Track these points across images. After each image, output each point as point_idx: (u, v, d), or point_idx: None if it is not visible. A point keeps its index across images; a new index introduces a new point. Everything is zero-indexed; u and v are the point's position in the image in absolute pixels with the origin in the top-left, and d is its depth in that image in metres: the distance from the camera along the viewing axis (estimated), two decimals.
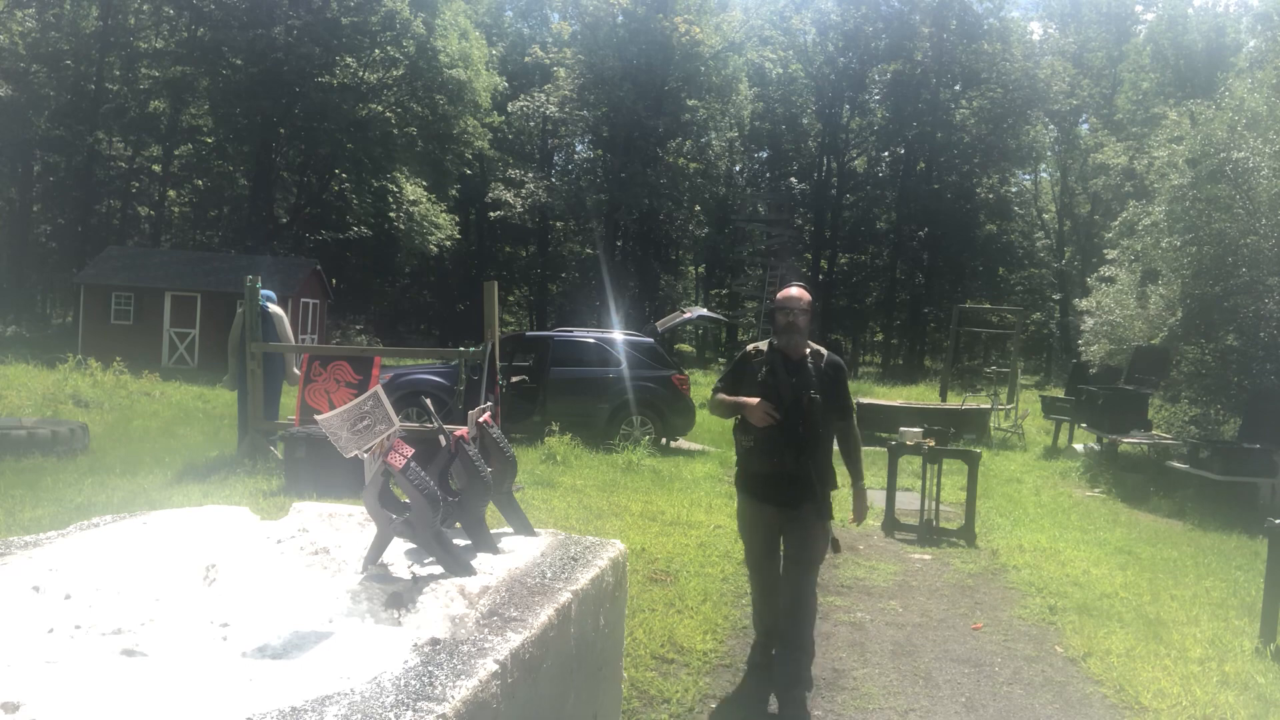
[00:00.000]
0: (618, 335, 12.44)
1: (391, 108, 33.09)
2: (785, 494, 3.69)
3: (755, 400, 3.63)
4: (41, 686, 0.55)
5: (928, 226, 39.38)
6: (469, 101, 33.69)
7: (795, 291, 3.82)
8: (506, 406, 9.58)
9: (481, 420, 1.13)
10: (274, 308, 8.87)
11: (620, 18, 35.02)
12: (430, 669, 0.60)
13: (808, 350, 3.77)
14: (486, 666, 0.61)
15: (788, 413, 3.62)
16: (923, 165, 40.51)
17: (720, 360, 36.98)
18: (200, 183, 36.05)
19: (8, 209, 33.59)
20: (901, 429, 7.58)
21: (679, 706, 3.68)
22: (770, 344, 3.84)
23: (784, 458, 3.65)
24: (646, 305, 36.41)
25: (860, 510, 3.93)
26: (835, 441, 3.86)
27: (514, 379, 11.81)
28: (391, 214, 32.74)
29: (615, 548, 0.97)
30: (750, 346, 3.93)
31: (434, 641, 0.65)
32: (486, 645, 0.65)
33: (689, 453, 11.41)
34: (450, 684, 0.58)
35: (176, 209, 37.99)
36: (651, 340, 12.30)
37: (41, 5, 31.16)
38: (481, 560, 0.88)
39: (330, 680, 0.56)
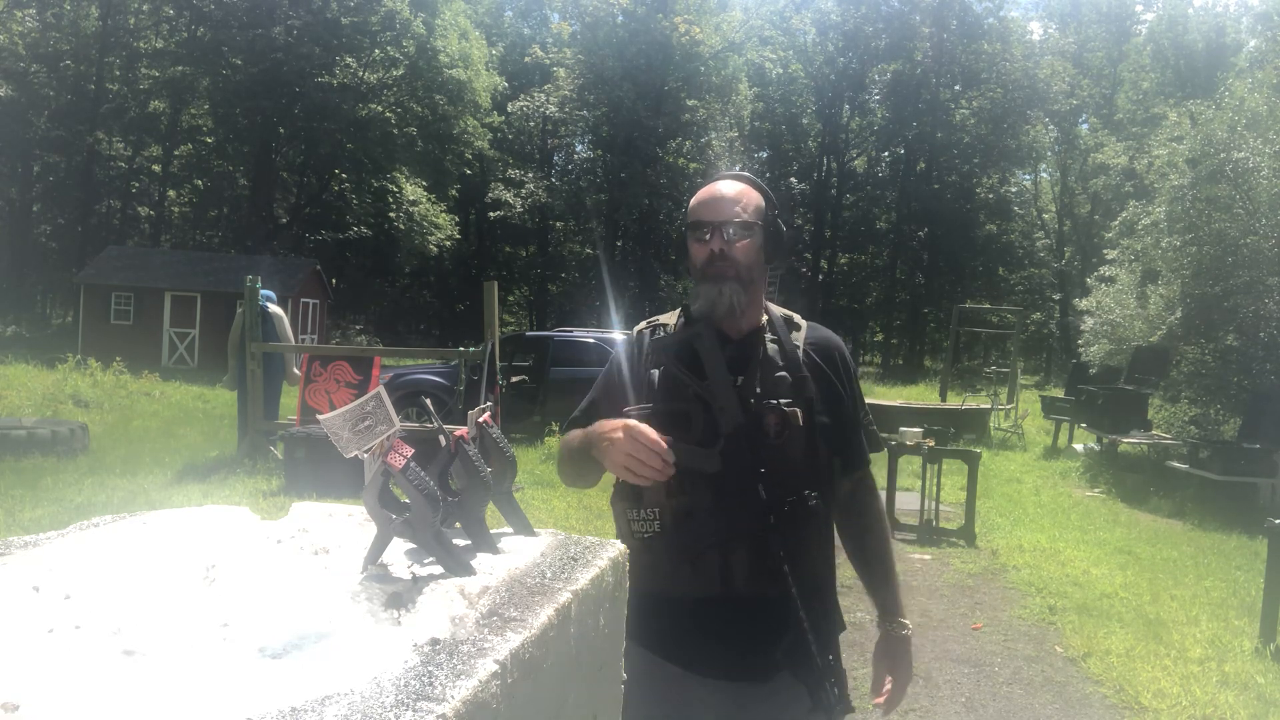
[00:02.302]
0: (618, 335, 12.44)
1: (391, 108, 33.10)
2: (735, 652, 1.64)
3: (619, 425, 1.55)
4: (41, 686, 0.55)
5: (928, 226, 39.39)
6: (469, 101, 33.71)
7: (723, 187, 1.74)
8: (506, 406, 9.59)
9: (481, 420, 1.12)
10: (274, 308, 8.88)
11: (620, 18, 35.01)
12: (430, 669, 0.60)
13: (764, 319, 1.76)
14: (486, 666, 0.61)
15: (733, 452, 1.57)
16: (923, 165, 40.53)
17: None
18: (200, 183, 36.06)
19: (8, 209, 33.60)
20: (901, 429, 7.59)
21: None
22: (682, 314, 1.81)
23: (730, 560, 1.63)
24: (646, 305, 36.39)
25: (900, 679, 1.81)
26: (837, 517, 1.83)
27: (514, 379, 11.82)
28: (391, 214, 32.76)
29: (615, 548, 0.97)
30: (643, 324, 1.89)
31: (434, 641, 0.65)
32: (486, 645, 0.65)
33: None
34: (450, 684, 0.58)
35: (176, 209, 38.00)
36: None
37: (41, 5, 31.17)
38: (481, 560, 0.88)
39: (330, 680, 0.56)
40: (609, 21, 35.34)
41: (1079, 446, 12.60)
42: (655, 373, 1.74)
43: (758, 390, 1.67)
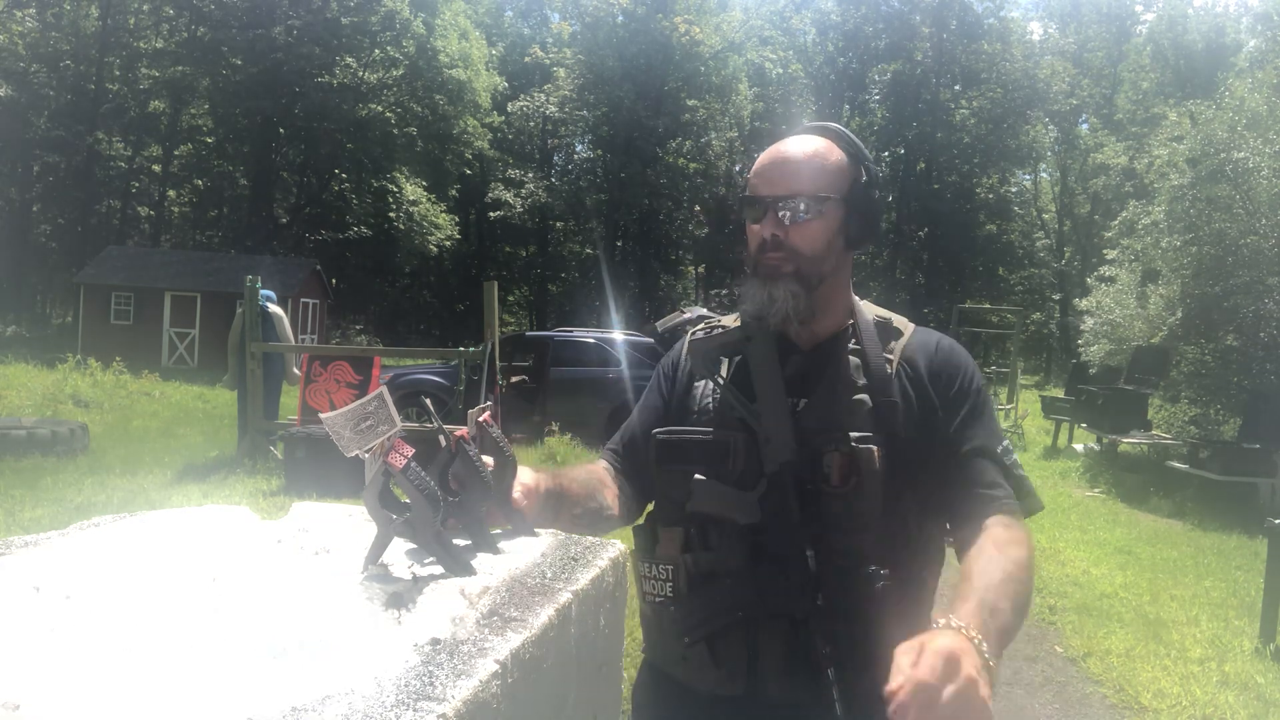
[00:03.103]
0: (618, 335, 12.44)
1: (391, 108, 33.11)
2: None
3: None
4: (42, 686, 0.55)
5: (928, 226, 39.42)
6: (469, 101, 33.74)
7: (790, 146, 1.33)
8: (506, 407, 9.59)
9: (481, 420, 1.12)
10: (274, 308, 8.88)
11: (620, 18, 35.03)
12: (430, 669, 0.60)
13: (849, 323, 1.37)
14: (487, 666, 0.61)
15: (778, 500, 1.21)
16: (923, 165, 40.55)
17: None
18: (200, 183, 36.07)
19: (8, 209, 33.61)
20: None
21: None
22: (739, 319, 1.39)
23: (760, 648, 1.23)
24: (646, 305, 36.41)
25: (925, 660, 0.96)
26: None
27: (514, 379, 11.82)
28: (391, 214, 32.77)
29: (615, 548, 0.97)
30: (699, 326, 1.48)
31: (434, 641, 0.65)
32: (487, 645, 0.65)
33: None
34: (450, 684, 0.58)
35: (176, 209, 38.01)
36: (651, 340, 12.30)
37: (41, 5, 31.17)
38: (482, 560, 0.88)
39: (331, 680, 0.56)
40: (609, 21, 35.35)
41: (1079, 446, 12.59)
42: (698, 386, 1.37)
43: (817, 415, 1.25)
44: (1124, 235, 15.95)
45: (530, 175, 37.02)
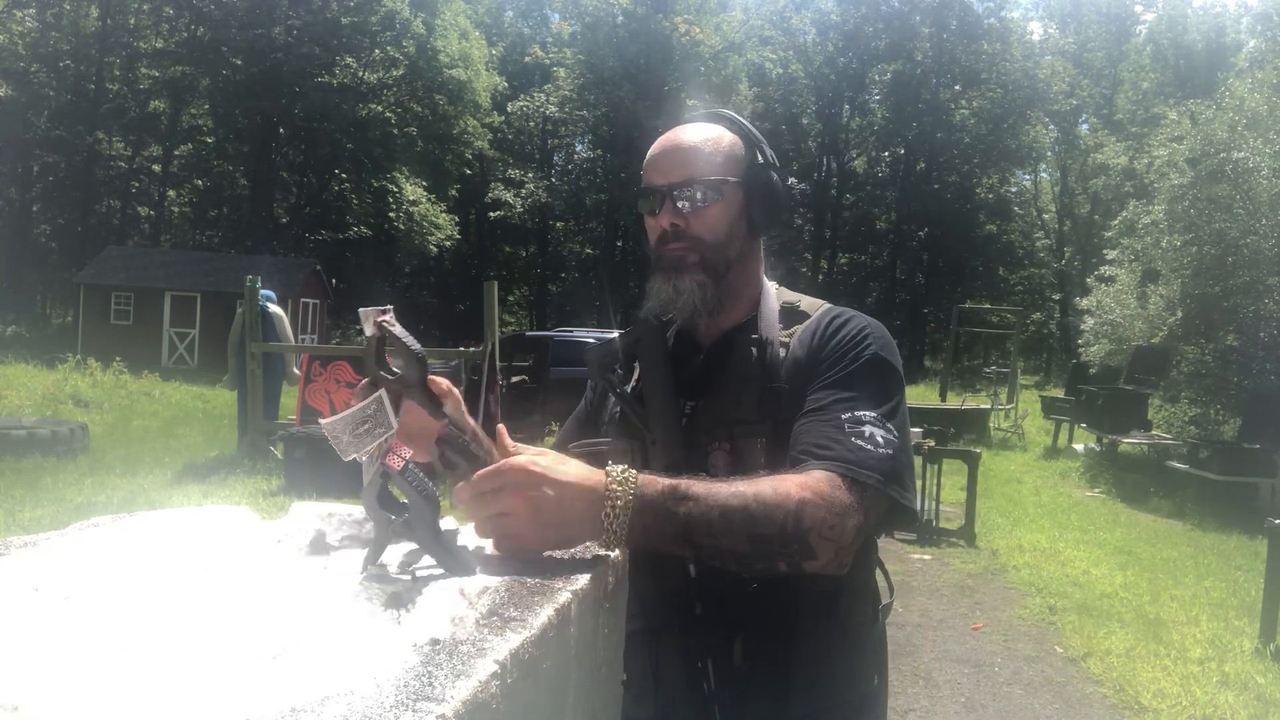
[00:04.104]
0: (617, 335, 12.42)
1: (391, 108, 33.14)
2: None
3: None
4: (41, 687, 0.55)
5: (928, 226, 39.44)
6: (469, 101, 33.75)
7: (680, 134, 1.27)
8: (506, 407, 9.58)
9: (382, 320, 0.97)
10: (274, 308, 8.88)
11: (620, 18, 35.04)
12: (430, 669, 0.60)
13: (753, 314, 1.27)
14: (486, 666, 0.61)
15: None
16: (923, 165, 40.56)
17: None
18: (200, 183, 36.09)
19: (8, 209, 33.62)
20: None
21: None
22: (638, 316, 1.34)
23: (660, 670, 1.18)
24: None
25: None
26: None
27: (514, 379, 11.82)
28: (391, 214, 32.79)
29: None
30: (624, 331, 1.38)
31: (433, 641, 0.65)
32: (486, 645, 0.65)
33: None
34: (450, 684, 0.58)
35: (176, 209, 38.02)
36: None
37: (41, 5, 31.19)
38: (481, 561, 0.88)
39: (329, 680, 0.56)
40: (609, 21, 35.37)
41: (1079, 446, 12.60)
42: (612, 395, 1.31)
43: (705, 414, 1.19)
44: (1124, 235, 15.95)
45: (530, 175, 37.03)
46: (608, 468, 0.94)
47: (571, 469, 0.92)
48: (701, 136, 1.25)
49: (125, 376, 15.04)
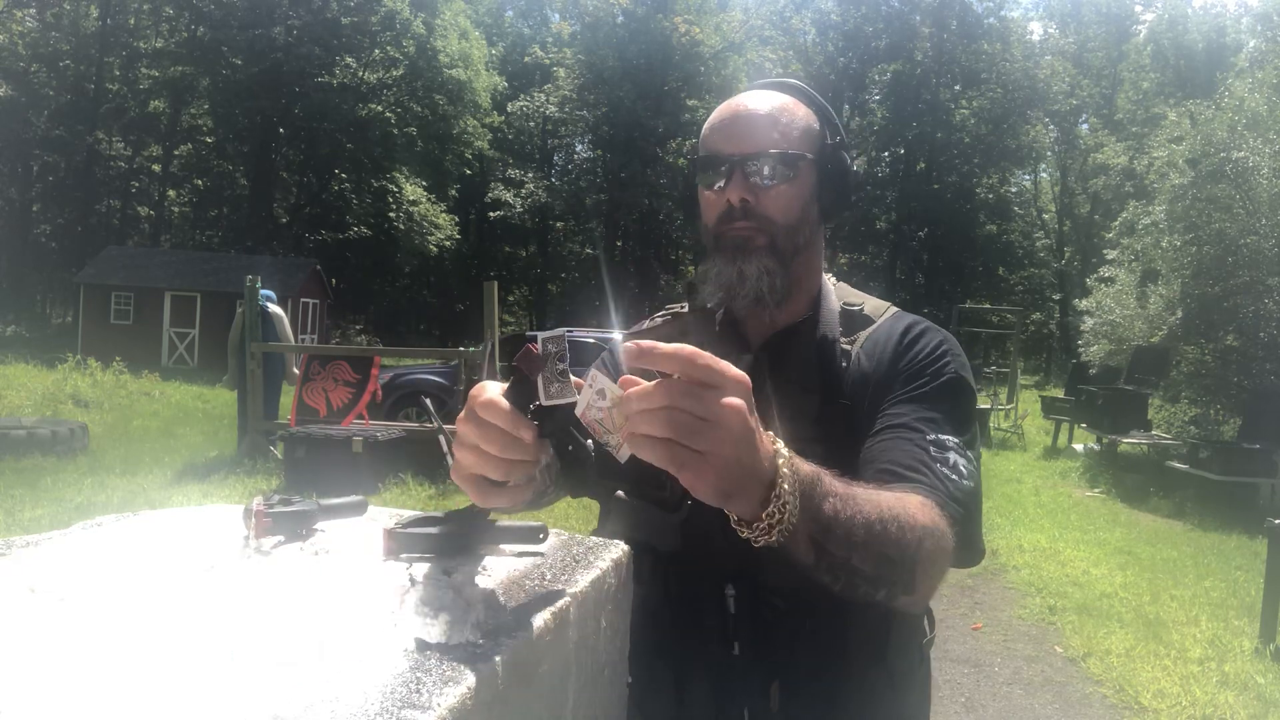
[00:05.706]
0: (618, 335, 12.42)
1: (391, 108, 33.14)
2: None
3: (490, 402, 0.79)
4: (39, 688, 0.55)
5: (928, 226, 39.44)
6: (469, 101, 33.76)
7: (750, 100, 1.11)
8: None
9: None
10: (274, 308, 8.89)
11: (620, 18, 35.03)
12: (418, 675, 0.59)
13: (810, 313, 1.15)
14: (477, 672, 0.61)
15: (702, 524, 0.89)
16: (923, 165, 40.56)
17: None
18: (200, 183, 36.09)
19: (8, 209, 33.62)
20: None
21: None
22: (685, 307, 1.22)
23: (686, 703, 1.04)
24: (646, 305, 36.40)
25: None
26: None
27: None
28: (391, 214, 32.79)
29: (618, 548, 0.95)
30: (656, 316, 1.22)
31: (423, 646, 0.64)
32: (478, 650, 0.65)
33: None
34: (437, 690, 0.57)
35: (176, 209, 38.03)
36: None
37: (41, 5, 31.19)
38: (480, 560, 0.88)
39: (316, 687, 0.56)
40: (609, 21, 35.35)
41: (1079, 446, 12.59)
42: None
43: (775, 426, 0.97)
44: (1124, 235, 15.96)
45: (530, 175, 37.02)
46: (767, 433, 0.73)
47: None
48: (776, 104, 1.10)
49: (125, 376, 15.04)
